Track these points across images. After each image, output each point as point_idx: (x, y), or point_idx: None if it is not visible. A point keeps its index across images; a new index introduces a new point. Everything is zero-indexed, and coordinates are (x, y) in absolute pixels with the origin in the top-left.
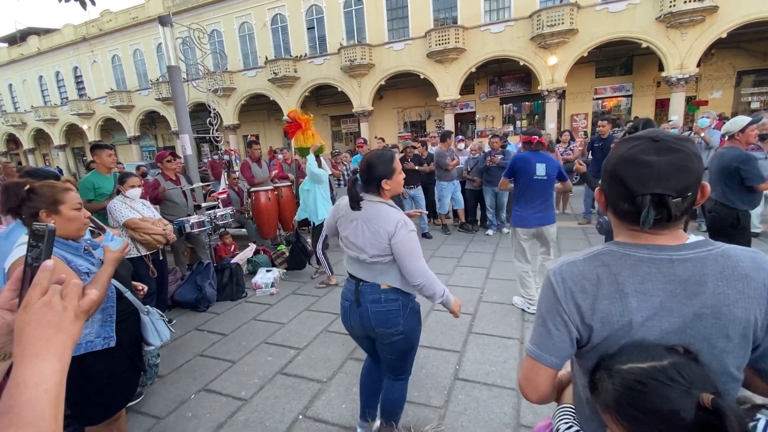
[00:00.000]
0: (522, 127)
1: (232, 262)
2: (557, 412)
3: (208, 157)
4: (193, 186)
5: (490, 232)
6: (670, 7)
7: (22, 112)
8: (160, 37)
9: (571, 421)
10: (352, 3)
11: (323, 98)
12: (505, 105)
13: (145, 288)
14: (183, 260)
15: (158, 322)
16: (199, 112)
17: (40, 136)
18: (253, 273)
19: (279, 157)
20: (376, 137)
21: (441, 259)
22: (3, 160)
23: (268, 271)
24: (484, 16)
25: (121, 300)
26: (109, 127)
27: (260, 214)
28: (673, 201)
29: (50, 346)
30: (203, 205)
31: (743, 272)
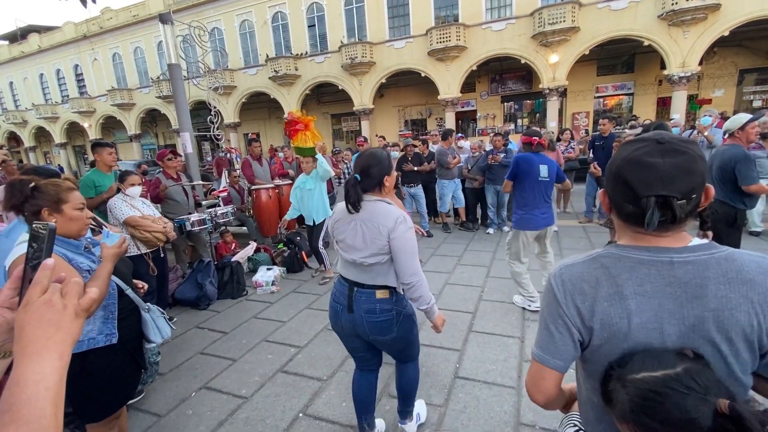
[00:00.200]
0: (523, 126)
1: (233, 260)
2: (564, 420)
3: (215, 154)
4: (193, 184)
5: (490, 230)
6: (673, 4)
7: (23, 109)
8: (161, 35)
9: (578, 426)
10: (352, 1)
11: (324, 96)
12: (506, 103)
13: (146, 286)
14: (184, 258)
15: (159, 320)
16: (200, 110)
17: (41, 134)
18: (254, 271)
19: (280, 155)
20: (377, 135)
21: (442, 258)
22: (5, 152)
23: (268, 270)
24: (486, 14)
25: (122, 297)
26: (110, 125)
27: (261, 212)
28: (678, 203)
29: (50, 344)
30: (204, 203)
31: (748, 276)
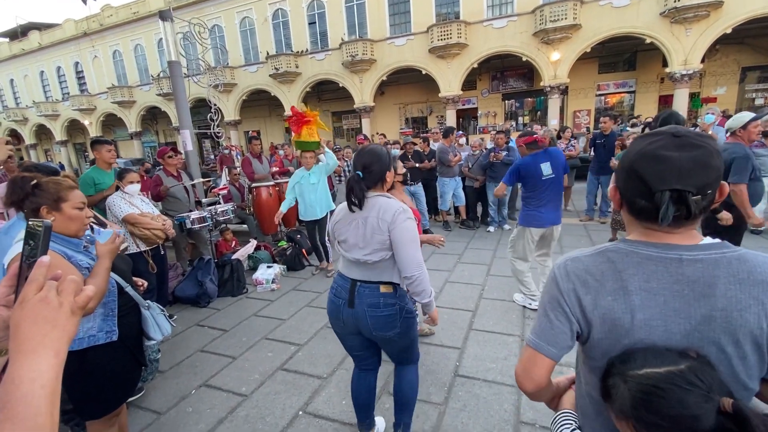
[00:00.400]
0: (524, 123)
1: (233, 258)
2: (557, 418)
3: (218, 152)
4: (194, 182)
5: (491, 228)
6: (675, 2)
7: (24, 107)
8: (161, 32)
9: (574, 425)
10: None
11: (324, 94)
12: (507, 101)
13: (145, 284)
14: (184, 256)
15: (159, 317)
16: (200, 107)
17: (42, 132)
18: (254, 269)
19: (280, 153)
20: (378, 133)
21: (442, 256)
22: (11, 147)
23: (268, 267)
24: (487, 11)
25: (122, 295)
26: (111, 122)
27: (261, 209)
28: (693, 198)
29: (46, 341)
30: (204, 200)
31: (760, 278)
